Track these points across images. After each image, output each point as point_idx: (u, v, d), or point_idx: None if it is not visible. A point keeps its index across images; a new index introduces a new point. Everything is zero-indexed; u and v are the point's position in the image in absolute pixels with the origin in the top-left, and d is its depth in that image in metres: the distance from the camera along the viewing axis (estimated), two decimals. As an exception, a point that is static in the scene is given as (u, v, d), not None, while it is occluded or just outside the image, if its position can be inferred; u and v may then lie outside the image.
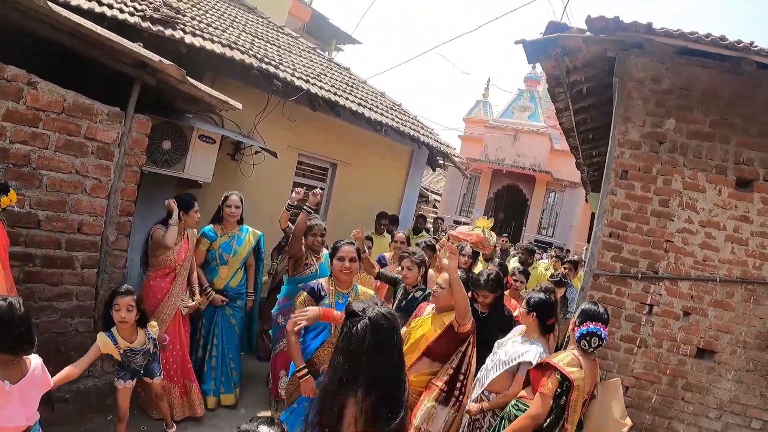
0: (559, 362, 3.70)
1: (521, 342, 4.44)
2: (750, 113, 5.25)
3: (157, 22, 7.10)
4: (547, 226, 30.12)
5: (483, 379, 4.46)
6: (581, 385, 3.58)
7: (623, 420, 3.86)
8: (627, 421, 3.87)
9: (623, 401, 3.97)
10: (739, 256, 5.25)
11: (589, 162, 11.00)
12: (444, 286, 4.47)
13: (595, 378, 3.82)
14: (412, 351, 4.46)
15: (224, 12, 10.57)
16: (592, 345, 3.76)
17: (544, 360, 3.86)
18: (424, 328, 4.53)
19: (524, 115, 30.20)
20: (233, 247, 6.02)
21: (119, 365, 4.54)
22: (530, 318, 4.43)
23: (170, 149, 6.67)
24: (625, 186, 5.51)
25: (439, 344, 4.41)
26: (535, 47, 5.56)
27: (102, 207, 4.97)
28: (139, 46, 4.84)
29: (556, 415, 3.58)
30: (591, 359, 3.81)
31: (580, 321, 3.88)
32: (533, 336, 4.45)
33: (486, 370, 4.47)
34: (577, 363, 3.69)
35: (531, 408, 3.71)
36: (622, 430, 3.87)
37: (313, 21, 23.41)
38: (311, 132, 10.02)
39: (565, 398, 3.59)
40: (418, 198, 14.79)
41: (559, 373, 3.65)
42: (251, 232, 6.23)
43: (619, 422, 3.85)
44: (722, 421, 5.26)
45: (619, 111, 5.56)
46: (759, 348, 5.21)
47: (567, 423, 3.57)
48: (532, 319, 4.43)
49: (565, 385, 3.61)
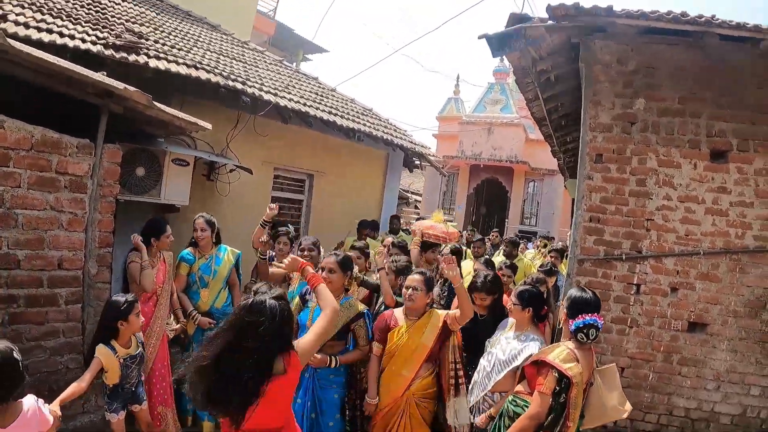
0: (555, 359, 3.58)
1: (514, 338, 4.39)
2: (718, 86, 5.31)
3: (120, 48, 7.05)
4: (530, 215, 30.24)
5: (484, 381, 4.39)
6: (579, 381, 3.50)
7: (622, 406, 3.81)
8: (626, 407, 3.81)
9: (621, 387, 3.93)
10: (720, 228, 5.30)
11: (565, 148, 11.06)
12: (419, 287, 4.53)
13: (591, 366, 3.71)
14: (409, 362, 4.50)
15: (187, 32, 10.52)
16: (590, 337, 3.62)
17: (540, 357, 3.74)
18: (417, 337, 4.52)
19: (496, 108, 30.27)
20: (212, 268, 5.90)
21: (110, 394, 4.45)
22: (526, 313, 4.37)
23: (144, 175, 6.60)
24: (601, 169, 5.54)
25: (435, 347, 4.50)
26: (498, 40, 5.56)
27: (80, 241, 4.89)
28: (103, 74, 4.79)
29: (557, 412, 3.48)
30: (587, 349, 3.70)
31: (572, 313, 3.72)
32: (527, 329, 4.40)
33: (485, 372, 4.40)
34: (574, 357, 3.57)
35: (530, 408, 3.61)
36: (623, 416, 3.84)
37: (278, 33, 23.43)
38: (285, 145, 10.01)
39: (564, 395, 3.50)
40: (398, 200, 14.79)
41: (556, 371, 3.54)
42: (229, 251, 6.11)
43: (618, 409, 3.80)
44: (721, 392, 5.31)
45: (588, 95, 5.59)
46: (750, 316, 5.26)
47: (569, 421, 3.49)
48: (528, 314, 4.38)
49: (564, 383, 3.51)
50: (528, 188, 30.26)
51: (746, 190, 5.28)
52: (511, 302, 4.46)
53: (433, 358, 4.56)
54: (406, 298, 4.61)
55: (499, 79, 31.11)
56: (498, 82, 31.11)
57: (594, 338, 3.65)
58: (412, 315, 4.61)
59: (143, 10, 10.57)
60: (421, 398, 4.50)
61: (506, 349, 4.34)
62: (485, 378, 4.38)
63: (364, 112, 12.48)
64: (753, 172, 5.26)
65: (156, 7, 11.63)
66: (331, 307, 3.28)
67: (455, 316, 4.40)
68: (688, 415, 5.38)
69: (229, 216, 6.65)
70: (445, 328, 4.47)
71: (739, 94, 5.30)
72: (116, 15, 8.94)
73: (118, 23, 8.32)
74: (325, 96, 11.71)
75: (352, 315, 4.67)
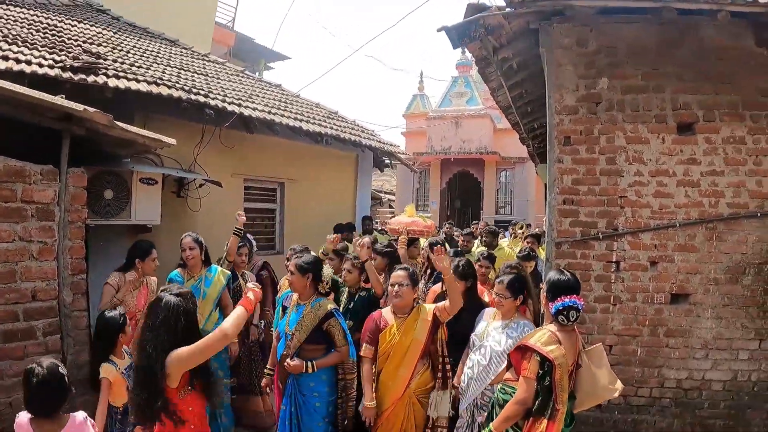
0: (537, 342, 3.58)
1: (504, 327, 4.43)
2: (680, 59, 5.36)
3: (78, 70, 6.94)
4: (504, 204, 30.30)
5: (482, 375, 4.39)
6: (563, 363, 3.49)
7: (613, 385, 3.81)
8: (617, 386, 3.80)
9: (609, 366, 3.93)
10: (693, 199, 5.35)
11: (533, 135, 11.13)
12: (405, 283, 4.54)
13: (577, 348, 3.71)
14: (405, 360, 4.50)
15: (146, 49, 10.40)
16: (570, 319, 3.62)
17: (523, 342, 3.74)
18: (409, 334, 4.52)
19: (462, 101, 30.30)
20: (202, 290, 5.74)
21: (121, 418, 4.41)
22: (516, 302, 4.46)
23: (113, 198, 6.50)
24: (570, 151, 5.55)
25: (429, 341, 4.52)
26: (458, 31, 5.58)
27: (53, 270, 4.79)
28: (62, 97, 4.71)
29: (544, 396, 3.47)
30: (569, 331, 3.70)
31: (552, 296, 3.71)
32: (514, 317, 4.45)
33: (481, 366, 4.40)
34: (555, 340, 3.57)
35: (517, 393, 3.63)
36: (615, 395, 3.84)
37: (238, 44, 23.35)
38: (253, 155, 9.95)
39: (548, 378, 3.49)
40: (371, 201, 14.77)
41: (538, 354, 3.54)
42: (220, 271, 5.98)
43: (608, 388, 3.79)
44: (710, 359, 5.36)
45: (552, 79, 5.60)
46: (731, 282, 5.33)
47: (558, 404, 3.47)
48: (517, 302, 4.47)
49: (547, 365, 3.51)
50: (500, 178, 30.32)
51: (716, 159, 5.33)
52: (497, 293, 4.46)
53: (428, 352, 4.56)
54: (393, 295, 4.60)
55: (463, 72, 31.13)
56: (462, 75, 31.11)
57: (575, 320, 3.65)
58: (400, 312, 4.60)
59: (100, 30, 10.45)
60: (421, 395, 4.51)
61: (501, 339, 4.36)
62: (483, 372, 4.38)
63: (330, 116, 12.46)
64: (721, 141, 5.32)
65: (113, 26, 11.49)
66: (221, 329, 3.27)
67: (445, 307, 4.42)
68: (680, 386, 5.42)
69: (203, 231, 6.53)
70: (435, 320, 4.49)
71: (701, 67, 5.35)
72: (73, 37, 8.83)
73: (75, 45, 8.20)
74: (290, 102, 11.68)
75: (322, 315, 4.60)
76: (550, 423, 3.46)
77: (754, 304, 5.33)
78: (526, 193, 28.78)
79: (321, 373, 4.59)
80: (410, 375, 4.46)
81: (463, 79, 30.84)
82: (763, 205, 5.30)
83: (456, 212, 31.56)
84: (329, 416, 4.63)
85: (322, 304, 4.67)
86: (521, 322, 4.41)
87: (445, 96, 31.18)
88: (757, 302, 5.33)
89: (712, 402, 5.39)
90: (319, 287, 4.78)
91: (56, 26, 9.21)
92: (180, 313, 3.16)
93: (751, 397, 5.36)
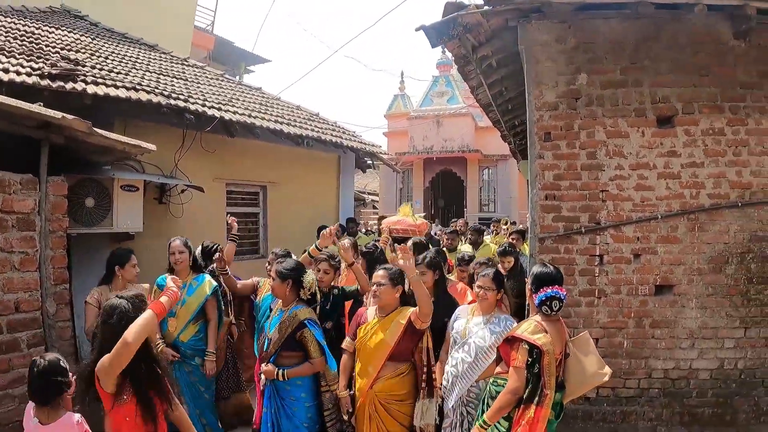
0: (524, 332, 3.70)
1: (486, 322, 4.44)
2: (658, 53, 5.42)
3: (56, 78, 6.89)
4: (488, 202, 30.41)
5: (468, 373, 4.38)
6: (550, 350, 3.59)
7: (602, 370, 3.89)
8: (606, 370, 3.89)
9: (596, 352, 4.01)
10: (674, 190, 5.39)
11: (514, 132, 11.15)
12: (384, 282, 4.45)
13: (563, 338, 3.82)
14: (372, 360, 4.44)
15: (125, 55, 10.35)
16: (554, 309, 3.74)
17: (510, 334, 3.84)
18: (379, 334, 4.45)
19: (443, 100, 30.36)
20: (182, 297, 5.42)
21: None
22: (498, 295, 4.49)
23: (94, 206, 6.44)
24: (551, 147, 5.58)
25: (401, 346, 4.39)
26: (436, 30, 5.59)
27: (35, 280, 4.75)
28: (40, 105, 4.66)
29: (533, 383, 3.58)
30: (555, 321, 3.81)
31: (535, 287, 3.84)
32: (495, 311, 4.49)
33: (466, 364, 4.39)
34: (542, 329, 3.69)
35: (508, 383, 3.71)
36: (604, 379, 3.90)
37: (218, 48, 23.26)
38: (235, 159, 9.93)
39: (537, 366, 3.58)
40: (354, 202, 14.76)
41: (525, 343, 3.65)
42: (207, 281, 5.67)
43: (598, 373, 3.88)
44: (696, 349, 5.42)
45: (531, 76, 5.62)
46: (714, 272, 5.38)
47: (546, 389, 3.56)
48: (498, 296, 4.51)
49: (535, 353, 3.60)
50: (483, 176, 30.43)
51: (695, 151, 5.39)
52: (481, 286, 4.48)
53: (402, 358, 4.47)
54: (372, 295, 4.59)
55: (443, 71, 31.17)
56: (442, 75, 31.16)
57: (558, 309, 3.78)
58: (381, 312, 4.55)
59: (78, 36, 10.40)
60: (389, 400, 4.41)
61: (485, 335, 4.36)
62: (469, 369, 4.37)
63: (311, 118, 12.46)
64: (700, 133, 5.38)
65: (91, 32, 11.43)
66: (122, 337, 3.22)
67: (416, 312, 4.30)
68: (668, 376, 5.46)
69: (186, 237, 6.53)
70: (411, 326, 4.33)
71: (679, 60, 5.41)
72: (50, 44, 8.78)
73: (53, 52, 8.15)
74: (270, 105, 11.67)
75: (296, 325, 4.54)
76: (538, 408, 3.55)
77: (737, 292, 5.38)
78: (509, 190, 28.88)
79: (296, 380, 4.55)
80: (375, 375, 4.39)
81: (444, 78, 30.90)
82: (744, 195, 5.36)
83: (440, 211, 31.62)
84: (308, 421, 4.58)
85: (298, 313, 4.60)
86: (502, 316, 4.45)
87: (426, 95, 31.24)
88: (741, 291, 5.38)
89: (699, 391, 5.44)
90: (300, 293, 4.70)
91: (33, 33, 9.14)
92: (122, 317, 3.27)
93: (738, 385, 5.42)
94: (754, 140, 5.36)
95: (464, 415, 4.39)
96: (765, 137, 5.36)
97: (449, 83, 30.72)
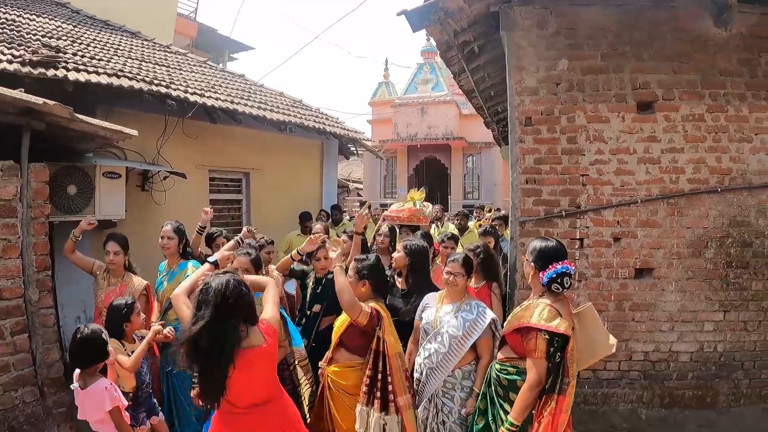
0: (540, 321, 3.45)
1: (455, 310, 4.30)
2: (639, 40, 5.47)
3: (37, 64, 6.80)
4: (472, 189, 30.48)
5: (443, 363, 4.21)
6: (571, 334, 3.41)
7: (609, 341, 3.73)
8: (612, 341, 3.68)
9: (602, 323, 3.88)
10: (654, 175, 5.45)
11: (497, 119, 11.19)
12: (352, 275, 4.34)
13: (571, 315, 3.61)
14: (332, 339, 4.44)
15: (107, 42, 10.23)
16: (565, 285, 3.51)
17: (521, 324, 3.57)
18: (339, 319, 4.45)
19: (427, 87, 30.36)
20: (164, 285, 5.44)
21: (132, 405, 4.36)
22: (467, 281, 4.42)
23: (77, 193, 6.38)
24: (532, 132, 5.62)
25: (349, 335, 4.30)
26: (418, 15, 5.60)
27: (17, 267, 4.72)
28: (21, 92, 4.63)
29: (555, 372, 3.38)
30: (561, 299, 3.59)
31: (541, 264, 3.56)
32: (464, 297, 4.39)
33: (441, 355, 4.21)
34: (556, 313, 3.46)
35: (529, 378, 3.47)
36: (611, 351, 3.74)
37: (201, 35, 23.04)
38: (217, 146, 9.88)
39: (560, 354, 3.38)
40: (338, 189, 14.75)
41: (545, 332, 3.41)
42: (189, 267, 5.46)
43: (607, 345, 3.69)
44: (676, 332, 5.51)
45: (512, 61, 5.64)
46: (694, 256, 5.47)
47: (567, 377, 3.37)
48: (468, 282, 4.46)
49: (556, 341, 3.39)
50: (467, 163, 30.49)
51: (675, 136, 5.44)
52: (450, 271, 4.35)
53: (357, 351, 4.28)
54: None
55: (428, 58, 31.16)
56: (427, 62, 31.16)
57: (569, 286, 3.55)
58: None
59: (59, 23, 10.26)
60: (338, 387, 4.30)
61: (457, 324, 4.22)
62: (444, 360, 4.21)
63: (294, 104, 12.41)
64: (680, 119, 5.44)
65: (72, 19, 11.27)
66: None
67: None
68: (648, 358, 5.55)
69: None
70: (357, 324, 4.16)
71: (660, 47, 5.46)
72: (32, 31, 8.66)
73: (34, 39, 8.04)
74: (253, 92, 11.61)
75: None
76: (561, 397, 3.36)
77: (717, 276, 5.47)
78: (493, 177, 28.97)
79: None
80: (329, 356, 4.40)
81: (428, 65, 30.91)
82: (723, 180, 5.44)
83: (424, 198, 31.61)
84: None
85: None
86: (473, 302, 4.33)
87: (411, 83, 31.24)
88: (720, 275, 5.47)
89: (680, 373, 5.53)
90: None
91: (14, 21, 9.02)
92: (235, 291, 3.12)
93: (718, 367, 5.52)
94: (734, 126, 5.43)
95: (439, 406, 4.24)
96: (744, 124, 5.44)
97: (434, 70, 30.72)
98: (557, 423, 3.32)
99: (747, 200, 5.45)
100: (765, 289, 5.48)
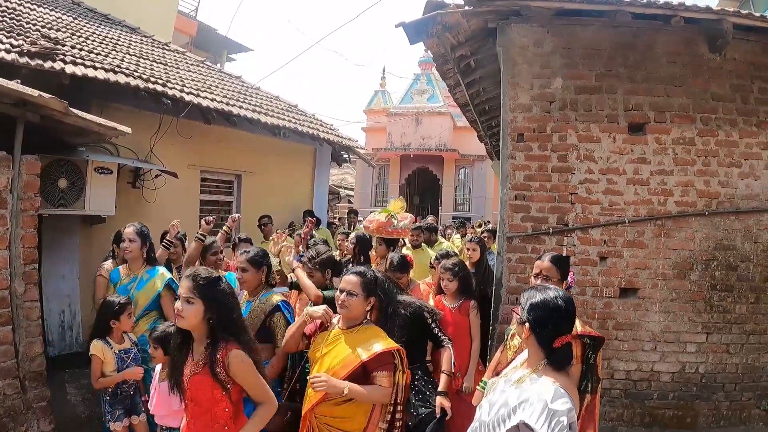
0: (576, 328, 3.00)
1: (516, 381, 2.66)
2: (633, 62, 5.53)
3: (35, 56, 6.78)
4: (463, 201, 30.49)
5: None
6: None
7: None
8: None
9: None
10: (642, 196, 5.50)
11: (490, 133, 11.25)
12: (355, 292, 3.54)
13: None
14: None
15: (105, 36, 10.22)
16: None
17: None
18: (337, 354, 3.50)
19: (423, 98, 30.36)
20: (131, 292, 5.00)
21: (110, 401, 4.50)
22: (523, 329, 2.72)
23: (67, 187, 6.40)
24: (523, 148, 5.66)
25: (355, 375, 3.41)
26: (415, 27, 5.64)
27: (4, 259, 4.67)
28: (17, 82, 4.62)
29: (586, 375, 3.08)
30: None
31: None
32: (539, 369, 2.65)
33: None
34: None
35: None
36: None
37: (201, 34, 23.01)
38: (211, 147, 9.89)
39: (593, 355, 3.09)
40: (329, 195, 14.76)
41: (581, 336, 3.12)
42: (160, 274, 5.12)
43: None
44: (658, 352, 5.55)
45: (507, 78, 5.69)
46: (678, 277, 5.51)
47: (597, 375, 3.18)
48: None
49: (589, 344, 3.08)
50: (459, 175, 30.50)
51: (665, 159, 5.50)
52: (521, 319, 2.74)
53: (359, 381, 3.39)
54: (339, 304, 3.59)
55: (425, 69, 31.15)
56: (424, 73, 31.14)
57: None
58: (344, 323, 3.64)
59: (60, 15, 10.22)
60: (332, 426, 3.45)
61: (497, 401, 2.65)
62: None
63: (289, 109, 12.43)
64: (671, 142, 5.50)
65: (73, 11, 11.23)
66: None
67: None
68: (630, 377, 5.58)
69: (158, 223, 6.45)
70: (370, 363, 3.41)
71: (654, 70, 5.53)
72: (31, 21, 8.62)
73: (33, 30, 8.02)
74: (249, 95, 11.62)
75: (268, 310, 4.29)
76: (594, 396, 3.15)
77: (701, 298, 5.52)
78: (484, 190, 29.00)
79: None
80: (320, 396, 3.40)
81: (425, 76, 30.91)
82: (711, 204, 5.50)
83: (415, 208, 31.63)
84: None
85: (269, 299, 4.38)
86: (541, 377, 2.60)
87: (407, 93, 31.22)
88: (704, 297, 5.52)
89: (661, 393, 5.56)
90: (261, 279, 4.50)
91: (15, 10, 8.97)
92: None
93: (699, 388, 5.56)
94: (724, 151, 5.49)
95: None
96: (734, 149, 5.50)
97: (430, 81, 30.74)
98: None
99: (734, 224, 5.51)
100: (748, 313, 5.53)
